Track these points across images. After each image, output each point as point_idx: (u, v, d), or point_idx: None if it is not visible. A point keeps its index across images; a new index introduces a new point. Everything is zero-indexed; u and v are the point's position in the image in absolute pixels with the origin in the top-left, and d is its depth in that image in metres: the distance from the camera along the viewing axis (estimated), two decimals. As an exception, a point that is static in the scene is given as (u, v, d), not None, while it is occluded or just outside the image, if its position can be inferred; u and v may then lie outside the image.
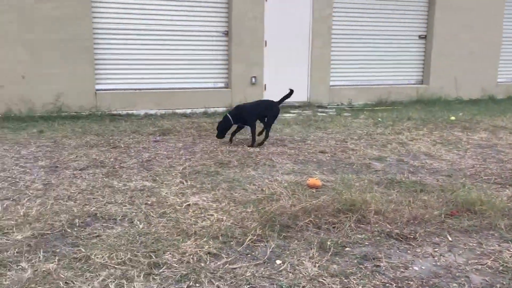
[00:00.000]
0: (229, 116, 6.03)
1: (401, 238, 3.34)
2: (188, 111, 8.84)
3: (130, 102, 8.62)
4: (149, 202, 3.94)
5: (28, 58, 7.90)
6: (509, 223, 3.59)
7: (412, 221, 3.59)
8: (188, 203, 3.93)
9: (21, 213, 3.61)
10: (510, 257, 3.07)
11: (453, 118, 8.21)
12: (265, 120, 6.21)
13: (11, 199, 3.95)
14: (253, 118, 6.12)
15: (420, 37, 10.98)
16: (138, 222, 3.50)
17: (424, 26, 10.95)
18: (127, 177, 4.63)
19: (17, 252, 2.98)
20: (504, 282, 2.77)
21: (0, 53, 7.74)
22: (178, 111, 8.78)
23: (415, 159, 5.61)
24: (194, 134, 6.76)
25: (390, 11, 10.56)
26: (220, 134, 6.08)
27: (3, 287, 2.56)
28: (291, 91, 6.31)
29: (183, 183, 4.49)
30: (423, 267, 2.95)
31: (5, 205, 3.80)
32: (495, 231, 3.47)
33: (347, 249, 3.17)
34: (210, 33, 9.20)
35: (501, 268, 2.94)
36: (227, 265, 2.91)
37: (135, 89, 8.83)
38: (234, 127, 6.23)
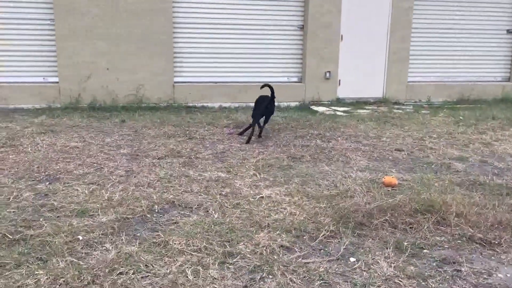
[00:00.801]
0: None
1: (485, 243, 3.16)
2: (261, 105, 8.89)
3: (206, 95, 8.85)
4: (223, 193, 4.02)
5: (111, 51, 8.34)
6: None
7: (497, 226, 3.38)
8: (261, 195, 3.97)
9: (106, 197, 3.82)
10: None
11: (544, 118, 7.61)
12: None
13: (97, 183, 4.19)
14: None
15: (508, 31, 10.27)
16: (213, 212, 3.59)
17: (514, 19, 10.25)
18: (203, 168, 4.75)
19: (102, 234, 3.16)
20: None
21: (86, 47, 8.23)
22: (251, 104, 8.84)
23: (500, 160, 5.28)
24: (266, 128, 6.79)
25: (476, 4, 9.97)
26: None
27: (89, 265, 2.73)
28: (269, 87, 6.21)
29: (256, 175, 4.54)
30: (508, 275, 2.78)
31: (91, 189, 4.04)
32: None
33: (425, 251, 3.06)
34: (286, 27, 9.20)
35: None
36: (300, 259, 2.91)
37: (211, 82, 9.04)
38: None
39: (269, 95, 6.21)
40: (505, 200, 3.89)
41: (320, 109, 8.65)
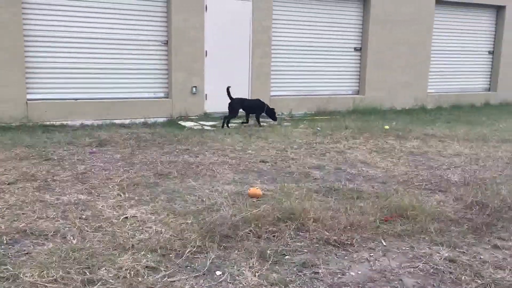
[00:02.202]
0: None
1: (339, 244, 3.41)
2: (127, 121, 8.64)
3: (65, 113, 8.31)
4: (83, 216, 3.79)
5: (-49, 66, 7.43)
6: (439, 226, 3.78)
7: (349, 227, 3.67)
8: (125, 216, 3.82)
9: None
10: (440, 259, 3.22)
11: (387, 127, 8.54)
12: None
13: None
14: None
15: (355, 49, 11.39)
16: (72, 237, 3.36)
17: (359, 38, 11.38)
18: (60, 191, 4.43)
19: None
20: (435, 284, 2.90)
21: None
22: (116, 121, 8.55)
23: (352, 167, 5.78)
24: (133, 145, 6.60)
25: (326, 24, 10.88)
26: None
27: None
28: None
29: (120, 195, 4.37)
30: (359, 272, 3.03)
31: None
32: (426, 235, 3.63)
33: (286, 257, 3.20)
34: (149, 42, 9.07)
35: (432, 270, 3.08)
36: (166, 278, 2.85)
37: (71, 99, 8.52)
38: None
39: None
40: (356, 203, 4.26)
41: (188, 124, 8.66)
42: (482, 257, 3.28)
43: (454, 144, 7.21)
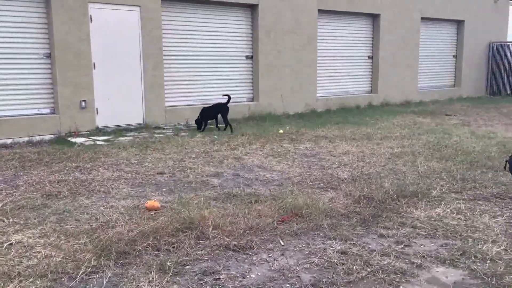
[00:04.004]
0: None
1: (239, 248, 3.46)
2: (9, 141, 7.98)
3: None
4: (-40, 248, 3.43)
5: None
6: (331, 222, 4.00)
7: (248, 231, 3.75)
8: (10, 242, 3.54)
9: None
10: (333, 252, 3.40)
11: (281, 131, 8.86)
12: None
13: None
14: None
15: (247, 57, 11.65)
16: None
17: (250, 46, 11.67)
18: None
19: None
20: (329, 276, 3.05)
21: None
22: (-4, 142, 7.87)
23: (249, 172, 5.89)
24: (16, 166, 6.12)
25: (218, 33, 11.00)
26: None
27: None
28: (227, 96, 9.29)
29: (3, 221, 4.03)
30: (259, 274, 3.10)
31: None
32: (320, 231, 3.82)
33: (187, 267, 3.18)
34: (30, 56, 8.48)
35: (326, 264, 3.24)
36: (58, 304, 2.68)
37: None
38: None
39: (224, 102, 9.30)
40: (254, 206, 4.35)
41: (79, 140, 8.23)
42: (370, 246, 3.53)
43: (343, 143, 7.68)
